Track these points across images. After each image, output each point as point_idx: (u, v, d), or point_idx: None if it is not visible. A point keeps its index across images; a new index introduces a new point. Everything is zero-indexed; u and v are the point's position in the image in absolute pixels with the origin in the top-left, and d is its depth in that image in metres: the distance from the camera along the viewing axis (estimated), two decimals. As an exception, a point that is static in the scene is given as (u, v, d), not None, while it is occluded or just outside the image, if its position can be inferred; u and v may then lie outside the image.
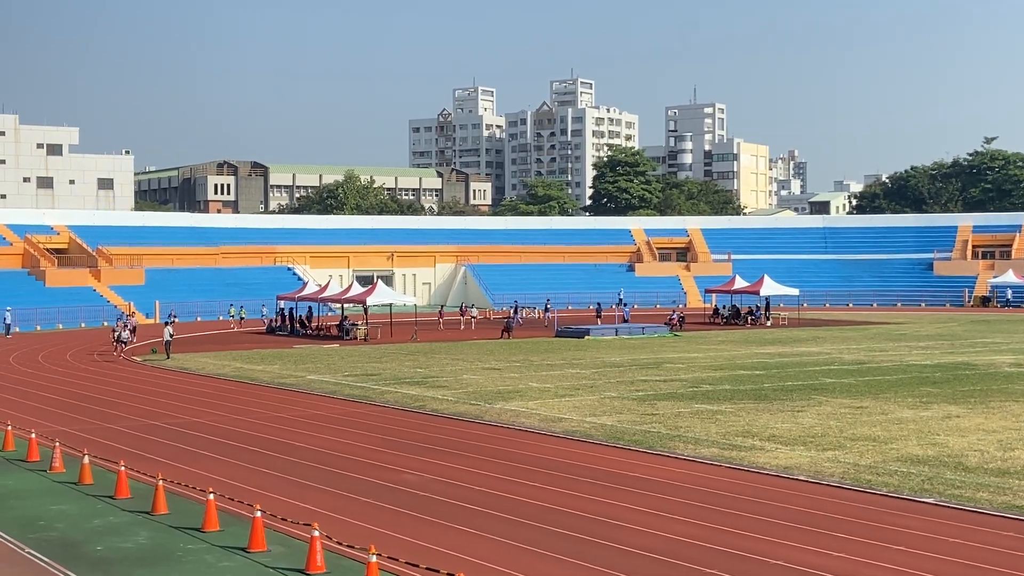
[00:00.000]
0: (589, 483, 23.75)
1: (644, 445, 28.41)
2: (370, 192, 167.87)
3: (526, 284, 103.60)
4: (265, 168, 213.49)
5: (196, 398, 39.29)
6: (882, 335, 67.00)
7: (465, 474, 24.82)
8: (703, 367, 47.92)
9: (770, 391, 39.11)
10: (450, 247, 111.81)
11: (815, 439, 28.94)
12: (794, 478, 24.20)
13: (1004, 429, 30.25)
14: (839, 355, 53.17)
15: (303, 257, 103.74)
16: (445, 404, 36.62)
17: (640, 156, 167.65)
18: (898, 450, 27.25)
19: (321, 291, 74.58)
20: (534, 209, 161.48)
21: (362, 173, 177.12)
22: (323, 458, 26.96)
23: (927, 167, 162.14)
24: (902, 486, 23.20)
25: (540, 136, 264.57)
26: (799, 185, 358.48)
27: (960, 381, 41.75)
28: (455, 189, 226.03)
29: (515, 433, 30.79)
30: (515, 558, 17.82)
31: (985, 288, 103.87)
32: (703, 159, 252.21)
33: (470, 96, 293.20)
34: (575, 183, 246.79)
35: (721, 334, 69.61)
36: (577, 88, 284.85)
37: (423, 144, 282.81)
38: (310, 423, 32.98)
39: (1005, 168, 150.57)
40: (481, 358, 53.11)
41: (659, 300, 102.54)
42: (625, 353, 55.06)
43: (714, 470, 25.25)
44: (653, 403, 36.17)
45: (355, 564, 17.15)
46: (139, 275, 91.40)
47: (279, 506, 21.03)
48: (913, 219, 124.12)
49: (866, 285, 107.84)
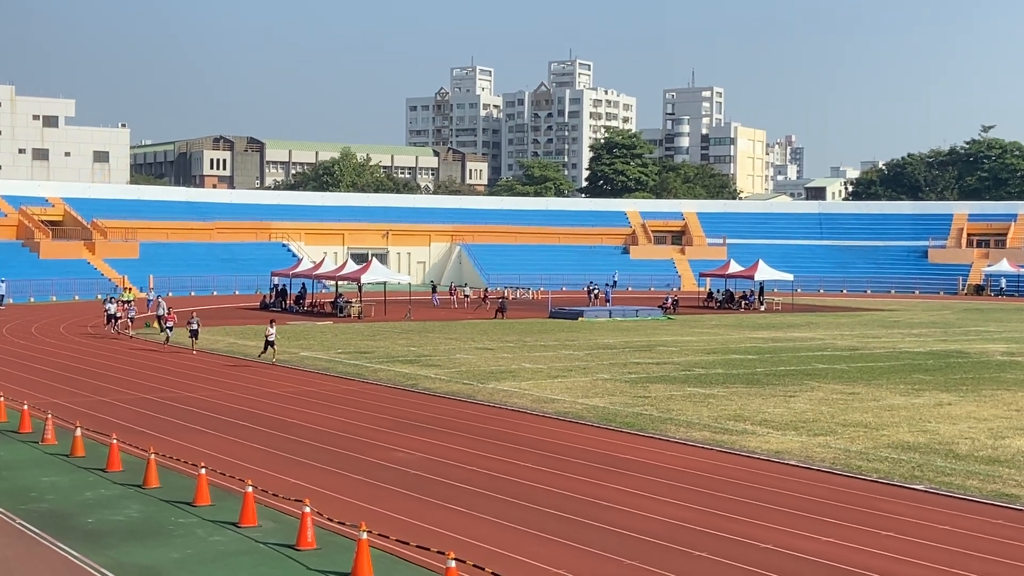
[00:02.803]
0: (580, 464, 23.80)
1: (636, 427, 28.46)
2: (366, 170, 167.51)
3: (521, 265, 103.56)
4: (261, 144, 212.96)
5: (189, 373, 39.28)
6: (875, 322, 67.09)
7: (456, 453, 24.86)
8: (696, 351, 47.96)
9: (762, 376, 39.17)
10: (445, 226, 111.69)
11: (807, 424, 29.00)
12: (785, 463, 24.26)
13: (995, 417, 30.33)
14: (832, 341, 53.24)
15: (298, 234, 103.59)
16: (438, 383, 36.64)
17: (637, 139, 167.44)
18: (889, 436, 27.32)
19: (315, 268, 74.50)
20: (530, 190, 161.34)
21: (358, 151, 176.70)
22: (315, 435, 26.98)
23: (924, 154, 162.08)
24: (892, 472, 23.26)
25: (537, 117, 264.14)
26: (795, 170, 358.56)
27: (952, 369, 41.83)
28: (451, 168, 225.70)
29: (507, 413, 30.82)
30: (505, 537, 17.86)
31: (979, 276, 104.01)
32: (700, 143, 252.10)
33: (468, 76, 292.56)
34: (572, 164, 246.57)
35: (715, 318, 69.67)
36: (575, 69, 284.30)
37: (420, 123, 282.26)
38: (303, 400, 32.99)
39: (1002, 157, 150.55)
40: (475, 338, 53.13)
41: (653, 283, 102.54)
42: (618, 335, 55.10)
43: (705, 453, 25.30)
44: (645, 386, 36.21)
45: (346, 541, 17.18)
46: (133, 249, 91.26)
47: (270, 482, 21.05)
48: (909, 206, 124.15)
49: (861, 271, 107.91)
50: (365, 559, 15.65)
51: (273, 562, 16.48)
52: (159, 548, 17.15)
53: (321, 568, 16.13)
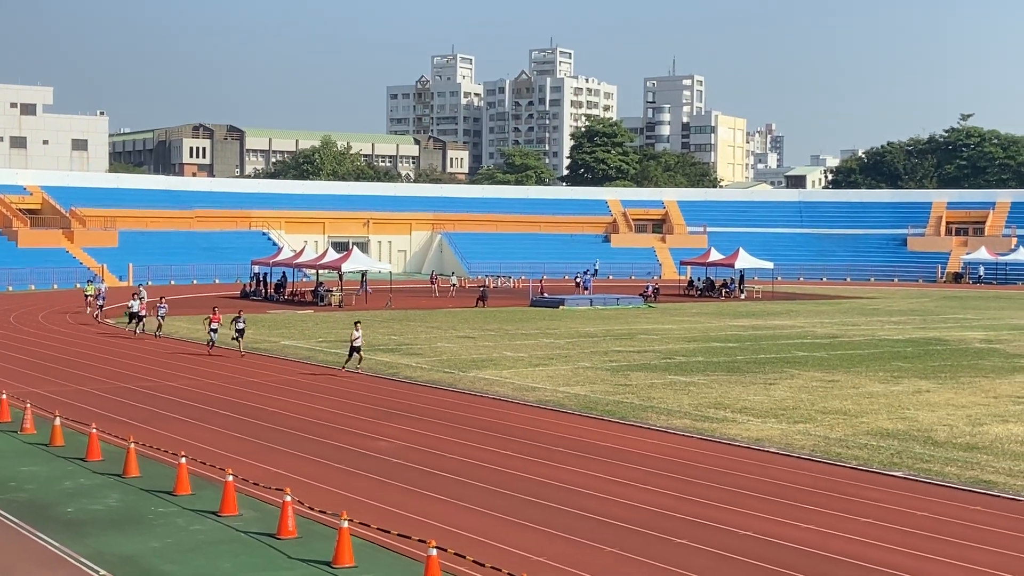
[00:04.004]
0: (561, 452, 23.84)
1: (617, 415, 28.52)
2: (347, 158, 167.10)
3: (502, 253, 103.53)
4: (241, 132, 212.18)
5: (169, 362, 39.16)
6: (855, 309, 67.35)
7: (438, 441, 24.87)
8: (677, 339, 48.07)
9: (743, 363, 39.29)
10: (426, 215, 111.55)
11: (786, 412, 29.12)
12: (765, 450, 24.36)
13: (973, 404, 30.51)
14: (812, 329, 53.43)
15: (278, 222, 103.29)
16: (419, 372, 36.63)
17: (618, 127, 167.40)
18: (868, 424, 27.46)
19: (296, 257, 74.34)
20: (511, 178, 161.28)
21: (339, 139, 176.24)
22: (296, 424, 26.95)
23: (903, 143, 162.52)
24: (871, 459, 23.39)
25: (518, 105, 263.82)
26: (776, 159, 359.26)
27: (931, 356, 42.05)
28: (432, 157, 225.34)
29: (488, 401, 30.85)
30: (486, 525, 17.89)
31: (958, 264, 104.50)
32: (681, 131, 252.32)
33: (449, 64, 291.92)
34: (552, 153, 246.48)
35: (695, 306, 69.83)
36: (556, 58, 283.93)
37: (401, 111, 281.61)
38: (283, 388, 32.94)
39: (980, 145, 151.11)
40: (456, 326, 53.11)
41: (634, 271, 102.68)
42: (599, 323, 55.17)
43: (686, 441, 25.38)
44: (626, 374, 36.28)
45: (327, 530, 17.18)
46: (112, 237, 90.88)
47: (251, 471, 21.03)
48: (888, 195, 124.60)
49: (840, 260, 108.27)
50: (346, 547, 15.66)
51: (254, 551, 16.47)
52: (139, 537, 17.11)
53: (302, 557, 16.12)
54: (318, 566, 15.69)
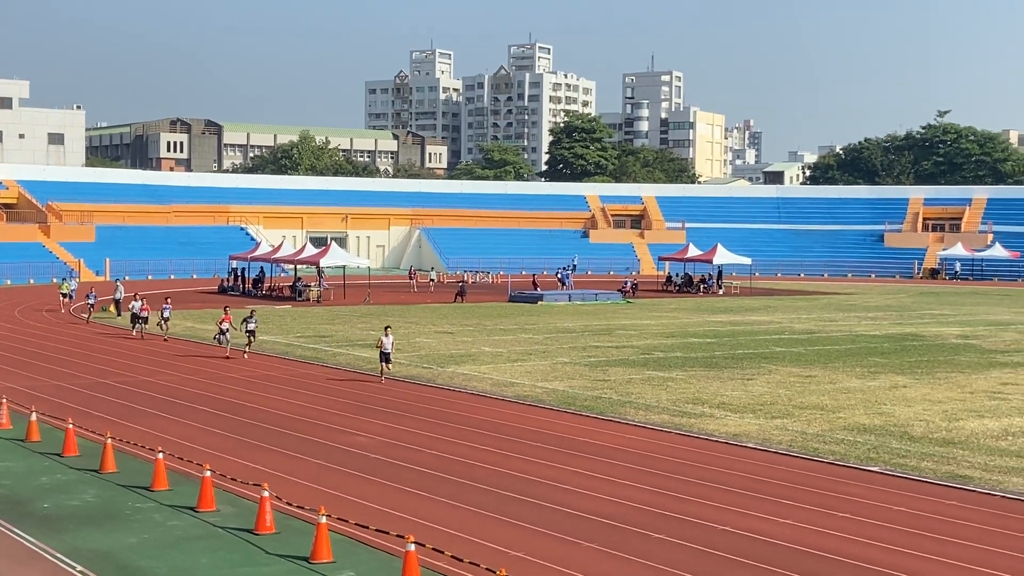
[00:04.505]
0: (540, 448, 23.86)
1: (595, 411, 28.56)
2: (325, 153, 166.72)
3: (481, 249, 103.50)
4: (219, 127, 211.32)
5: (146, 357, 38.99)
6: (832, 305, 67.61)
7: (416, 437, 24.85)
8: (655, 334, 48.16)
9: (721, 359, 39.40)
10: (405, 210, 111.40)
11: (764, 407, 29.21)
12: (743, 445, 24.43)
13: (949, 400, 30.68)
14: (789, 324, 53.62)
15: (256, 217, 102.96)
16: (397, 367, 36.56)
17: (597, 123, 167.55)
18: (845, 419, 27.58)
19: (274, 252, 74.14)
20: (490, 174, 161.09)
21: (317, 134, 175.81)
22: (274, 419, 26.89)
23: (880, 139, 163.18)
24: (848, 454, 23.49)
25: (497, 100, 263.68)
26: (754, 155, 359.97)
27: (907, 352, 42.25)
28: (411, 152, 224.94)
29: (467, 397, 30.84)
30: (464, 521, 17.89)
31: (934, 260, 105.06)
32: (659, 127, 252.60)
33: (427, 59, 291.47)
34: (531, 148, 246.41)
35: (673, 302, 69.97)
36: (535, 53, 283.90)
37: (379, 106, 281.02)
38: (261, 384, 32.86)
39: (957, 142, 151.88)
40: (434, 322, 53.07)
41: (613, 267, 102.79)
42: (578, 319, 55.22)
43: (664, 436, 25.43)
44: (605, 369, 36.33)
45: (305, 525, 17.15)
46: (89, 232, 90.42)
47: (229, 466, 20.96)
48: (865, 191, 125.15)
49: (818, 255, 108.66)
50: (324, 543, 15.64)
51: (231, 546, 16.42)
52: (116, 533, 17.04)
53: (280, 552, 16.09)
54: (296, 561, 15.66)
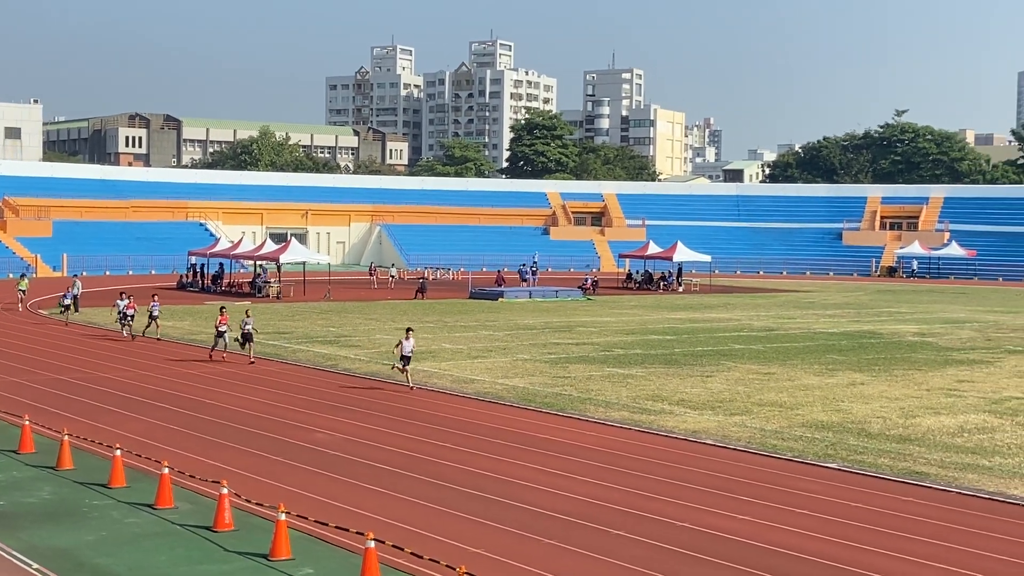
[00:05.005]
0: (500, 444, 23.87)
1: (555, 407, 28.59)
2: (285, 149, 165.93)
3: (441, 245, 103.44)
4: (178, 122, 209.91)
5: (104, 353, 38.67)
6: (791, 303, 68.04)
7: (376, 434, 24.80)
8: (615, 331, 48.28)
9: (680, 356, 39.55)
10: (365, 206, 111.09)
11: (723, 404, 29.36)
12: (702, 442, 24.54)
13: (906, 397, 30.95)
14: (749, 322, 53.91)
15: (216, 213, 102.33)
16: (358, 363, 36.49)
17: (557, 120, 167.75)
18: (803, 416, 27.77)
19: (234, 248, 73.71)
20: (450, 170, 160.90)
21: (277, 129, 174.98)
22: (233, 416, 26.74)
23: (839, 138, 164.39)
24: (806, 451, 23.65)
25: (458, 97, 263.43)
26: (714, 153, 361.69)
27: (865, 349, 42.59)
28: (371, 148, 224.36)
29: (427, 394, 30.79)
30: (425, 518, 17.87)
31: (892, 258, 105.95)
32: (620, 124, 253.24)
33: (388, 55, 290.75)
34: (492, 145, 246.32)
35: (634, 299, 70.18)
36: (496, 50, 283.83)
37: (340, 102, 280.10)
38: (220, 380, 32.67)
39: (914, 141, 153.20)
40: (394, 318, 52.95)
41: (573, 264, 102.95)
42: (538, 316, 55.27)
43: (624, 433, 25.51)
44: (565, 366, 36.38)
45: (264, 522, 17.06)
46: (47, 227, 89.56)
47: (188, 463, 20.83)
48: (824, 189, 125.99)
49: (777, 253, 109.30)
50: (283, 540, 15.58)
51: (190, 544, 16.32)
52: (73, 531, 16.90)
53: (239, 549, 16.01)
54: (255, 559, 15.59)
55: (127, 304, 43.07)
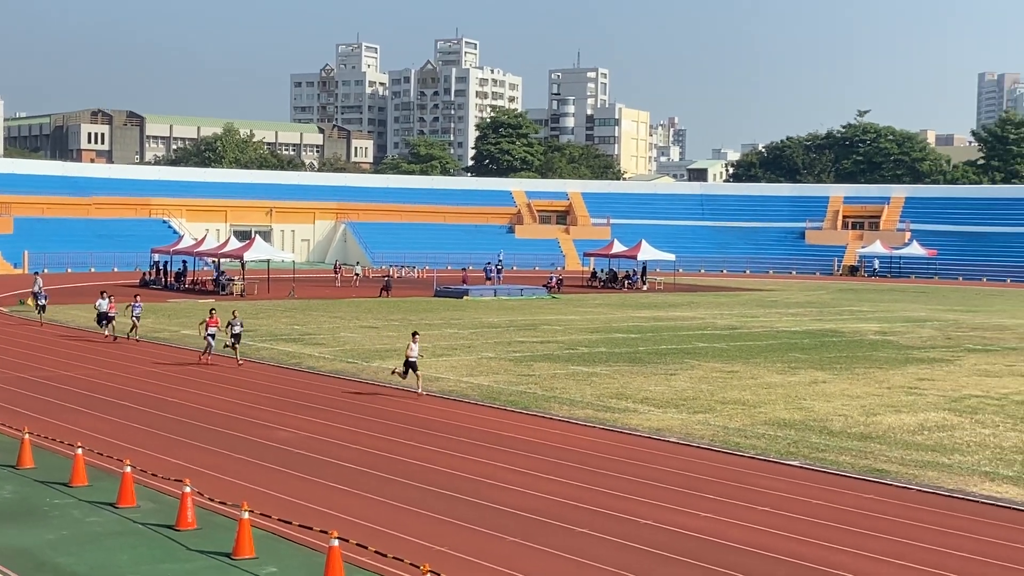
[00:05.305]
0: (464, 442, 23.89)
1: (520, 406, 28.63)
2: (249, 146, 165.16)
3: (406, 243, 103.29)
4: (141, 118, 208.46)
5: (66, 351, 38.39)
6: (754, 301, 68.41)
7: (340, 432, 24.76)
8: (580, 329, 48.39)
9: (644, 354, 39.69)
10: (330, 204, 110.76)
11: (687, 402, 29.50)
12: (665, 440, 24.65)
13: (867, 395, 31.21)
14: (712, 320, 54.17)
15: (179, 210, 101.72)
16: (322, 361, 36.41)
17: (523, 118, 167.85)
18: (766, 414, 27.94)
19: (197, 245, 73.32)
20: (416, 168, 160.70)
21: (241, 126, 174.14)
22: (196, 414, 26.62)
23: (802, 138, 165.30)
24: (769, 449, 23.81)
25: (423, 95, 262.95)
26: (678, 152, 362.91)
27: (827, 348, 42.89)
28: (336, 146, 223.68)
29: (391, 391, 30.77)
30: (389, 516, 17.86)
31: (854, 258, 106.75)
32: (585, 123, 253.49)
33: (353, 52, 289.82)
34: (458, 143, 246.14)
35: (598, 297, 70.35)
36: (462, 48, 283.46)
37: (305, 99, 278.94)
38: (184, 378, 32.50)
39: (876, 141, 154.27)
40: (359, 316, 52.85)
41: (538, 262, 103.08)
42: (503, 314, 55.32)
43: (588, 431, 25.58)
44: (530, 364, 36.44)
45: (227, 521, 17.00)
46: (7, 224, 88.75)
47: (150, 462, 20.72)
48: (787, 188, 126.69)
49: (740, 252, 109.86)
50: (246, 539, 15.53)
51: (152, 543, 16.25)
52: (34, 530, 16.78)
53: (201, 548, 15.95)
54: (217, 558, 15.54)
55: (108, 305, 41.56)
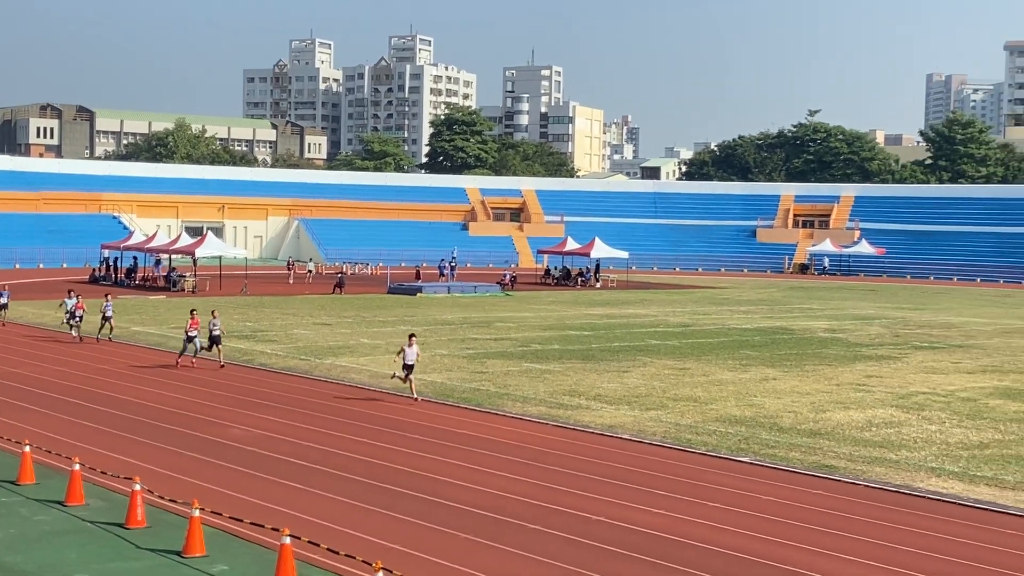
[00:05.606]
0: (417, 439, 23.88)
1: (473, 403, 28.66)
2: (201, 142, 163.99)
3: (360, 240, 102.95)
4: (91, 113, 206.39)
5: (14, 348, 37.95)
6: (706, 299, 68.82)
7: (292, 429, 24.67)
8: (533, 327, 48.48)
9: (597, 351, 39.84)
10: (283, 200, 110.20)
11: (639, 399, 29.65)
12: (618, 437, 24.77)
13: (817, 392, 31.52)
14: (664, 318, 54.44)
15: (130, 206, 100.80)
16: (274, 359, 36.24)
17: (477, 116, 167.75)
18: (717, 411, 28.14)
19: (148, 241, 72.74)
20: (370, 165, 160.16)
21: (194, 122, 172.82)
22: (147, 411, 26.42)
23: (754, 137, 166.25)
24: (720, 445, 23.99)
25: (377, 92, 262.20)
26: (632, 150, 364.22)
27: (777, 345, 43.25)
28: (290, 142, 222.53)
29: (344, 389, 30.71)
30: (341, 513, 17.84)
31: (804, 256, 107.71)
32: (539, 121, 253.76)
33: (307, 48, 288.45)
34: (412, 140, 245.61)
35: (552, 294, 70.49)
36: (416, 45, 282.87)
37: (258, 95, 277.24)
38: (134, 375, 32.24)
39: (826, 140, 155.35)
40: (312, 313, 52.66)
41: (492, 259, 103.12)
42: (457, 311, 55.30)
43: (541, 428, 25.65)
44: (483, 361, 36.47)
45: (177, 519, 16.90)
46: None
47: (99, 459, 20.55)
48: (739, 187, 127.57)
49: (693, 250, 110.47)
50: (197, 536, 15.45)
51: (101, 541, 16.12)
52: (-19, 529, 16.61)
53: (151, 547, 15.84)
54: (167, 556, 15.45)
55: (76, 303, 40.25)
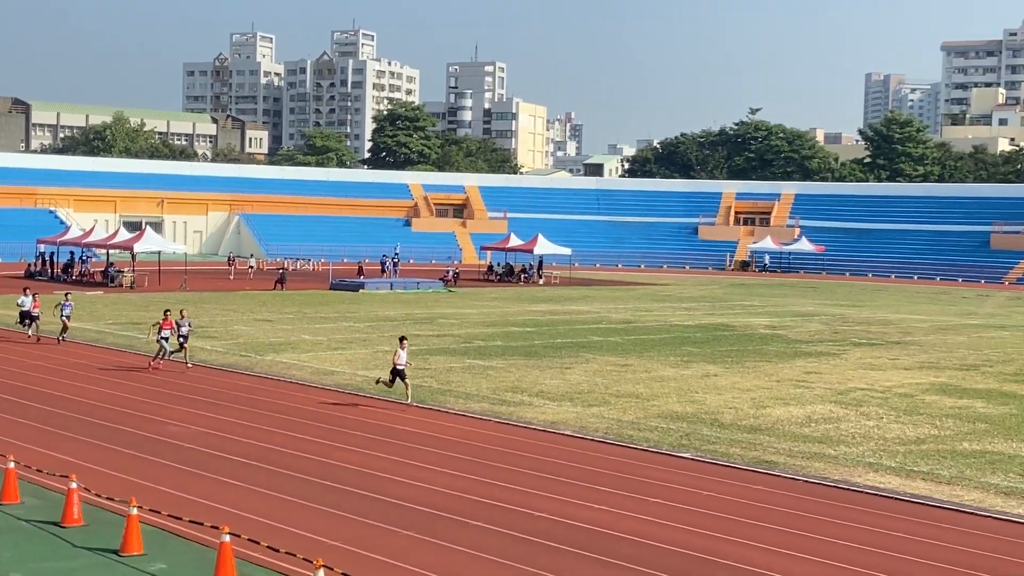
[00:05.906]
0: (359, 436, 23.77)
1: (415, 399, 28.54)
2: (140, 135, 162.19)
3: (302, 236, 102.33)
4: (27, 105, 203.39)
5: (-54, 344, 37.28)
6: (648, 296, 69.16)
7: (233, 426, 24.45)
8: (476, 323, 48.45)
9: (540, 348, 39.88)
10: (224, 195, 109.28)
11: (582, 395, 29.71)
12: (560, 433, 24.80)
13: (757, 388, 31.76)
14: (607, 314, 54.63)
15: (66, 200, 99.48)
16: (214, 355, 35.90)
17: (420, 111, 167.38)
18: (659, 407, 28.27)
19: (85, 236, 71.80)
20: (312, 160, 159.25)
21: (132, 115, 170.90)
22: (84, 408, 26.06)
23: (696, 134, 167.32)
24: (661, 441, 24.10)
25: (320, 86, 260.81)
26: (575, 147, 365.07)
27: (719, 341, 43.55)
28: (230, 136, 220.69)
29: (286, 385, 30.49)
30: (282, 511, 17.69)
31: (745, 253, 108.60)
32: (482, 117, 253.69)
33: (248, 42, 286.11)
34: (354, 135, 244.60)
35: (495, 291, 70.49)
36: (359, 40, 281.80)
37: (198, 88, 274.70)
38: (70, 372, 31.79)
39: (768, 139, 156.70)
40: (253, 309, 52.25)
41: (435, 256, 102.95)
42: (399, 308, 55.13)
43: (483, 424, 25.63)
44: (425, 358, 36.36)
45: (115, 517, 16.67)
46: None
47: (34, 457, 20.22)
48: (681, 184, 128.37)
49: (635, 247, 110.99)
50: (135, 535, 15.25)
51: (36, 540, 15.86)
52: (-88, 528, 16.28)
53: (88, 545, 15.61)
54: (104, 554, 15.23)
55: (32, 303, 38.61)
